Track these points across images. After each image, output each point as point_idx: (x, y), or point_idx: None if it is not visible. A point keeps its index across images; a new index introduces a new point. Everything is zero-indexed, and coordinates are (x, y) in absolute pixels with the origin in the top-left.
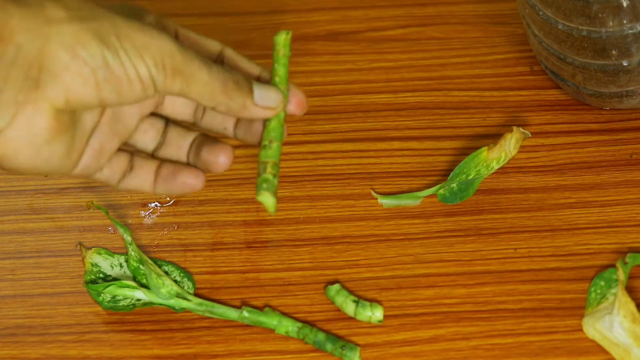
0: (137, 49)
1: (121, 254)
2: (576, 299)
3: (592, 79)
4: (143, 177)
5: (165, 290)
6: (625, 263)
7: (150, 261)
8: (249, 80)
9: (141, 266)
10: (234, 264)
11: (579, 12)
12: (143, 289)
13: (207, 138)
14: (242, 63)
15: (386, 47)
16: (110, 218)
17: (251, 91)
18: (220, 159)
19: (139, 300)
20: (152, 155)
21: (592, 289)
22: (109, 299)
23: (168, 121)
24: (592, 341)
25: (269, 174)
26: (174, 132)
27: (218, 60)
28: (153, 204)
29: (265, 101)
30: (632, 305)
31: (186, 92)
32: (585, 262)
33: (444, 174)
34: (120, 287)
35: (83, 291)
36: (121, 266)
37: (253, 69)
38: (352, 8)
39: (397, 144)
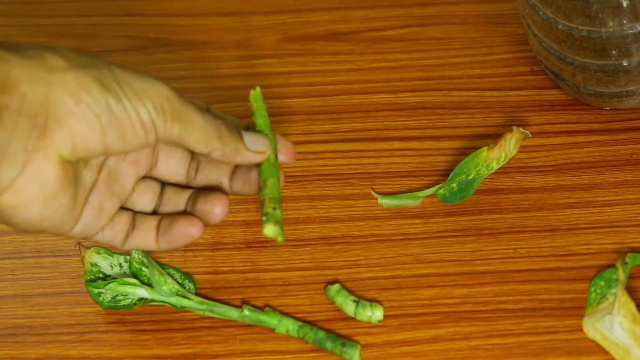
0: (137, 94)
1: (121, 253)
2: (576, 299)
3: (592, 79)
4: (145, 234)
5: (167, 288)
6: (625, 263)
7: (151, 259)
8: (237, 128)
9: (143, 268)
10: (234, 264)
11: (579, 12)
12: (144, 287)
13: (203, 190)
14: (227, 118)
15: (386, 47)
16: None
17: (241, 137)
18: (217, 209)
19: (140, 298)
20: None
21: (592, 289)
22: (109, 298)
23: (164, 184)
24: (592, 341)
25: (268, 208)
26: (170, 192)
27: None
28: None
29: (255, 145)
30: (632, 305)
31: (184, 137)
32: (585, 262)
33: (444, 174)
34: (122, 284)
35: (83, 291)
36: (121, 266)
37: (238, 123)
38: (352, 8)
39: (397, 144)
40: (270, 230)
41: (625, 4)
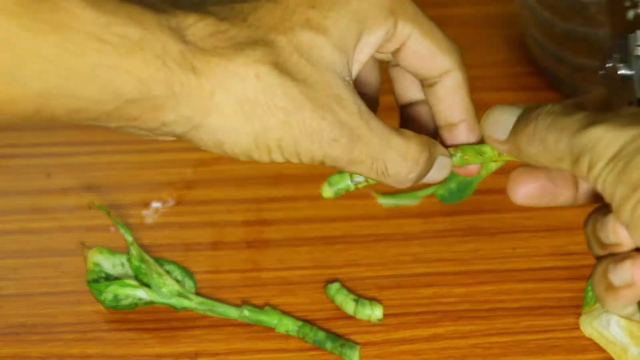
0: (297, 152)
1: (123, 253)
2: (574, 297)
3: (590, 79)
4: None
5: (166, 290)
6: None
7: (151, 260)
8: (433, 162)
9: (143, 265)
10: (235, 263)
11: (576, 14)
12: (145, 288)
13: None
14: (457, 102)
15: None
16: (111, 218)
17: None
18: None
19: (140, 299)
20: None
21: (590, 287)
22: (110, 298)
23: None
24: (590, 339)
25: (363, 184)
26: None
27: (431, 85)
28: (155, 204)
29: (430, 180)
30: None
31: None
32: (583, 261)
33: None
34: (122, 286)
35: (85, 290)
36: (123, 265)
37: (462, 114)
38: None
39: None
40: (328, 191)
41: None
